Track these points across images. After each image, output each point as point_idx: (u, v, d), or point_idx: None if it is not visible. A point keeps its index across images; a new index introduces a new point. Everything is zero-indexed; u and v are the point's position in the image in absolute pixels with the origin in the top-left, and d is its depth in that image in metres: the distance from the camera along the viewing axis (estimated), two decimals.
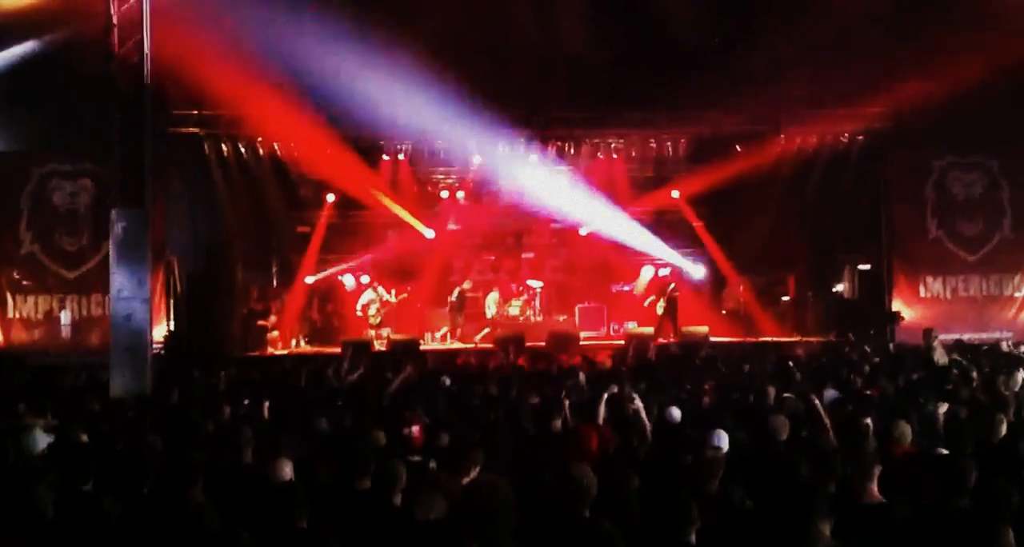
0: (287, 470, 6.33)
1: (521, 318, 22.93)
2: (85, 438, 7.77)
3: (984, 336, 19.27)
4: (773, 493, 5.96)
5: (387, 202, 22.87)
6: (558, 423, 8.16)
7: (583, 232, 23.92)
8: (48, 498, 5.37)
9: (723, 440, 7.14)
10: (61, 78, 16.96)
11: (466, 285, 22.91)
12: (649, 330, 21.13)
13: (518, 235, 25.10)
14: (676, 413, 8.66)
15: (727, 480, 6.04)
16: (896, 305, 20.88)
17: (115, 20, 13.96)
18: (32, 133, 18.83)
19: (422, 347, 20.27)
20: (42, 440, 7.41)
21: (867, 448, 6.17)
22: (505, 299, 22.93)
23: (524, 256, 24.95)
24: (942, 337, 15.18)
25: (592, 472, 5.26)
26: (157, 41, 14.28)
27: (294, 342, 21.82)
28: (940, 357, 13.95)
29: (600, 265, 23.88)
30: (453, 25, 18.61)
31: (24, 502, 5.29)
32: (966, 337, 17.97)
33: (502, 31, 19.10)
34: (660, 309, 22.29)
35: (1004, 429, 7.37)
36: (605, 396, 8.61)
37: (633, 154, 23.52)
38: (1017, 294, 21.16)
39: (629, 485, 5.88)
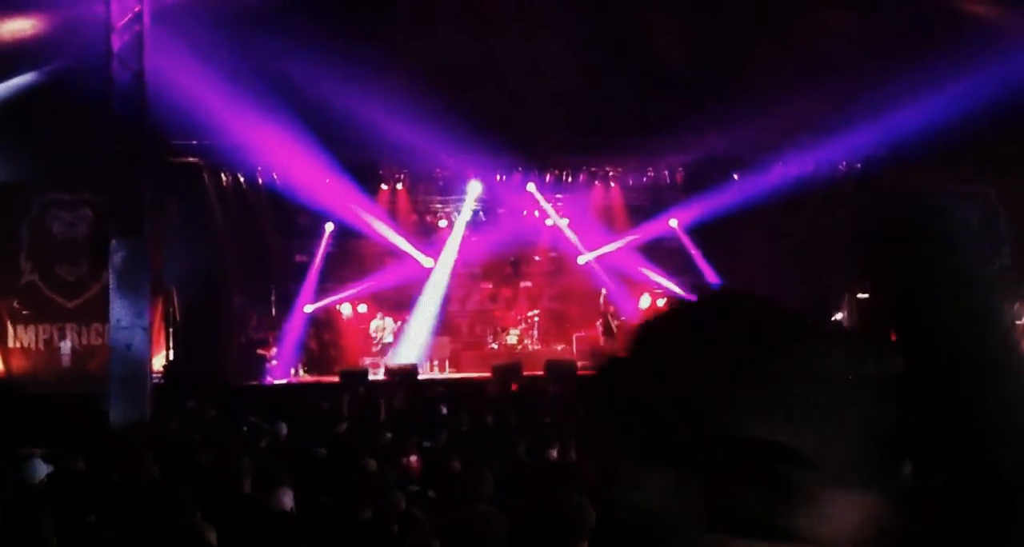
0: (287, 500, 6.31)
1: (519, 347, 22.91)
2: (84, 468, 7.77)
3: None
4: None
5: (385, 231, 22.89)
6: (554, 452, 8.11)
7: (581, 261, 23.91)
8: (51, 529, 5.37)
9: None
10: (60, 108, 17.02)
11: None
12: None
13: (516, 264, 25.08)
14: None
15: None
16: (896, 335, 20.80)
17: (115, 50, 14.02)
18: (31, 163, 18.89)
19: (420, 376, 20.21)
20: (41, 470, 7.40)
21: None
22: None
23: (522, 285, 24.91)
24: None
25: (590, 504, 5.21)
26: (156, 71, 14.35)
27: (292, 371, 21.76)
28: None
29: (598, 294, 23.82)
30: (451, 54, 18.72)
31: (27, 533, 5.28)
32: None
33: (499, 60, 19.20)
34: None
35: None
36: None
37: (630, 182, 23.61)
38: (1017, 322, 21.12)
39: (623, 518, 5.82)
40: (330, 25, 17.56)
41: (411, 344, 22.45)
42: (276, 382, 20.46)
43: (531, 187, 23.07)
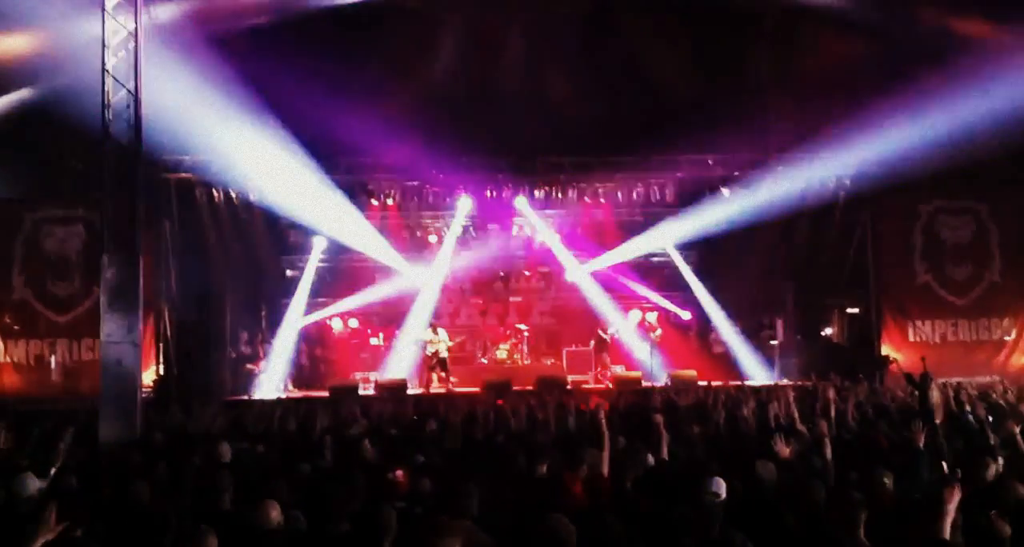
0: (275, 514, 6.32)
1: (508, 362, 22.94)
2: (75, 483, 7.79)
3: (974, 381, 19.22)
4: (766, 538, 5.96)
5: (376, 246, 22.93)
6: (543, 468, 8.10)
7: (570, 276, 23.95)
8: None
9: (721, 487, 7.11)
10: (54, 125, 17.08)
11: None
12: (637, 374, 21.13)
13: (506, 279, 25.13)
14: (651, 459, 8.60)
15: (724, 526, 6.01)
16: (885, 349, 20.85)
17: (109, 69, 14.07)
18: (25, 180, 18.99)
19: (409, 391, 20.23)
20: (32, 485, 7.42)
21: (852, 495, 6.15)
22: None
23: (512, 300, 24.97)
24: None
25: (570, 522, 5.19)
26: (150, 89, 14.40)
27: (281, 386, 21.74)
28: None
29: (587, 309, 23.83)
30: (443, 72, 18.82)
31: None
32: (955, 382, 17.93)
33: (492, 78, 19.30)
34: (648, 353, 22.32)
35: (993, 472, 7.43)
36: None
37: (620, 198, 23.68)
38: (1007, 338, 21.18)
39: (614, 534, 5.84)
40: (322, 43, 17.69)
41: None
42: (265, 397, 20.42)
43: (521, 203, 23.14)
